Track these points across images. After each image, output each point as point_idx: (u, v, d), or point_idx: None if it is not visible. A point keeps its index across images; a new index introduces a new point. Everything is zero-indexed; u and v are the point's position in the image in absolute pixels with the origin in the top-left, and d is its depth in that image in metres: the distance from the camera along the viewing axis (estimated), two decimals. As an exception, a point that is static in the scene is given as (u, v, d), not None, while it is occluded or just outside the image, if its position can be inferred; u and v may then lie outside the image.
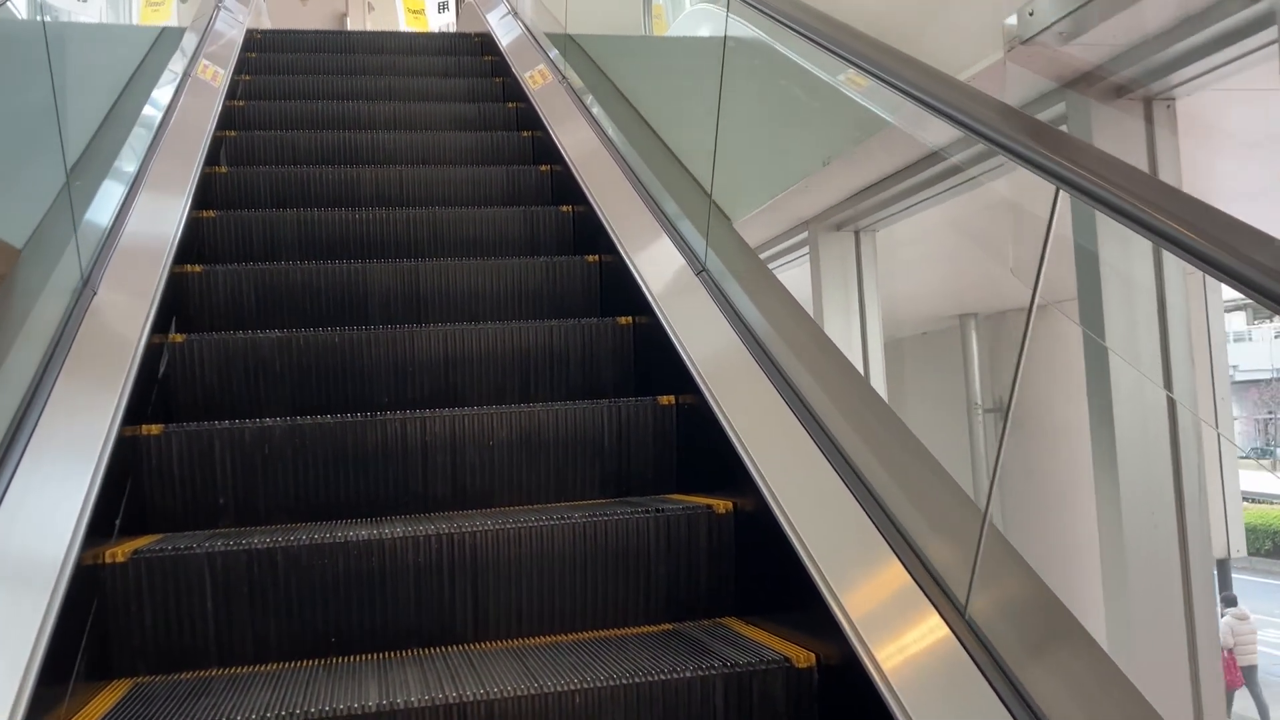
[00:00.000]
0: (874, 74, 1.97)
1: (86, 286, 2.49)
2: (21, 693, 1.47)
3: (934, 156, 3.14)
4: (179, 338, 2.68)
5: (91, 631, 1.87)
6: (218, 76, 4.50)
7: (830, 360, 2.27)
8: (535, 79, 4.82)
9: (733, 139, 2.99)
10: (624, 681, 1.76)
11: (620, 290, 3.13)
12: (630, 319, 2.95)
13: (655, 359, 2.80)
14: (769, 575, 2.05)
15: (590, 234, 3.50)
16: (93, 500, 1.91)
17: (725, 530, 2.19)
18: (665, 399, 2.58)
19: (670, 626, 2.15)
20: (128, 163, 3.21)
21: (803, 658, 1.81)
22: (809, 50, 2.50)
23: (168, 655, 1.97)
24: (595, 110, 4.11)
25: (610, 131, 3.86)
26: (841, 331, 4.16)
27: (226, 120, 4.26)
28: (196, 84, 4.28)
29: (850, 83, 2.50)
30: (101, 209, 2.84)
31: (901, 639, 1.62)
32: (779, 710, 1.80)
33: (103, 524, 1.96)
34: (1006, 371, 6.68)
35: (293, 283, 3.08)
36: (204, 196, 3.60)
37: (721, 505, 2.19)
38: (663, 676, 1.77)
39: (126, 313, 2.52)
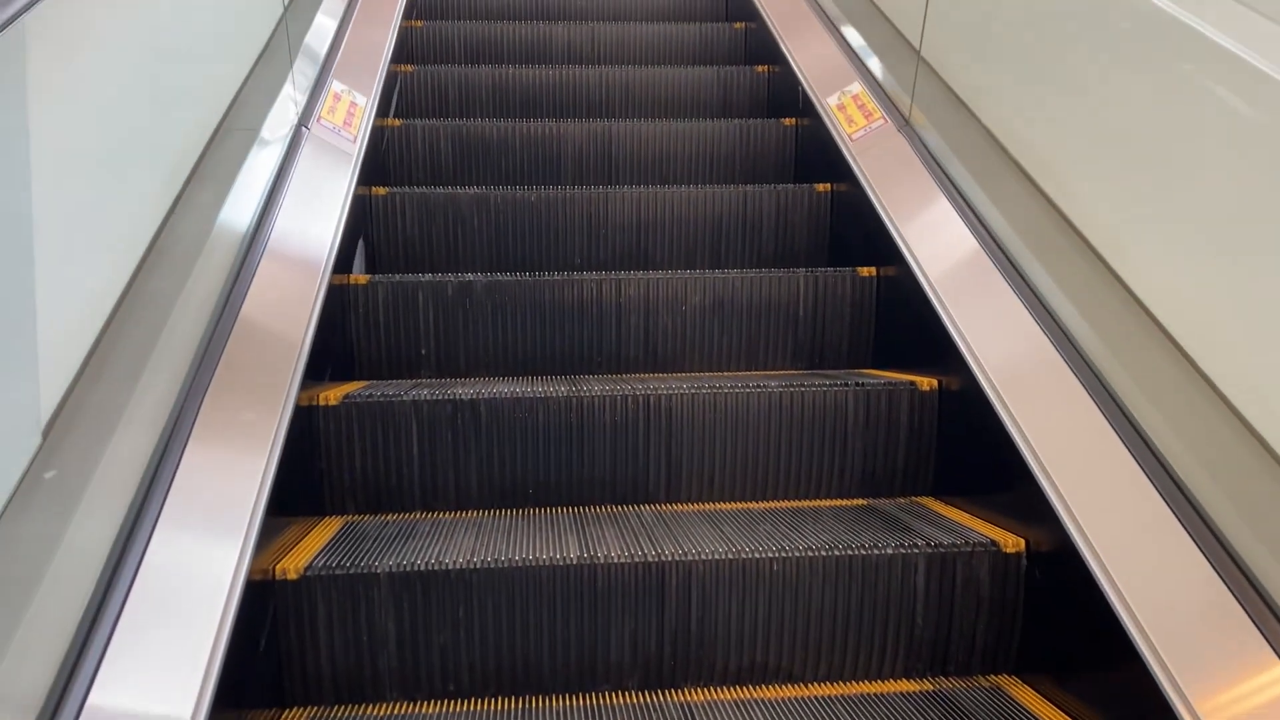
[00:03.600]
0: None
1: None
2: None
3: None
4: (381, 191, 2.72)
5: (308, 470, 1.96)
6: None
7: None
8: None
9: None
10: (823, 553, 1.73)
11: (818, 154, 3.00)
12: (829, 185, 2.83)
13: (854, 227, 2.69)
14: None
15: (786, 94, 3.36)
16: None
17: (928, 407, 2.11)
18: (866, 270, 2.48)
19: (865, 501, 2.10)
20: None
21: (1010, 542, 1.74)
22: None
23: (375, 496, 2.05)
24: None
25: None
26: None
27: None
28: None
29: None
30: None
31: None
32: (982, 594, 1.74)
33: (315, 368, 2.03)
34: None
35: (488, 139, 3.10)
36: (401, 51, 3.63)
37: (925, 382, 2.10)
38: (863, 551, 1.73)
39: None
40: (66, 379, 1.39)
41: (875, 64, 2.96)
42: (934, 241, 2.26)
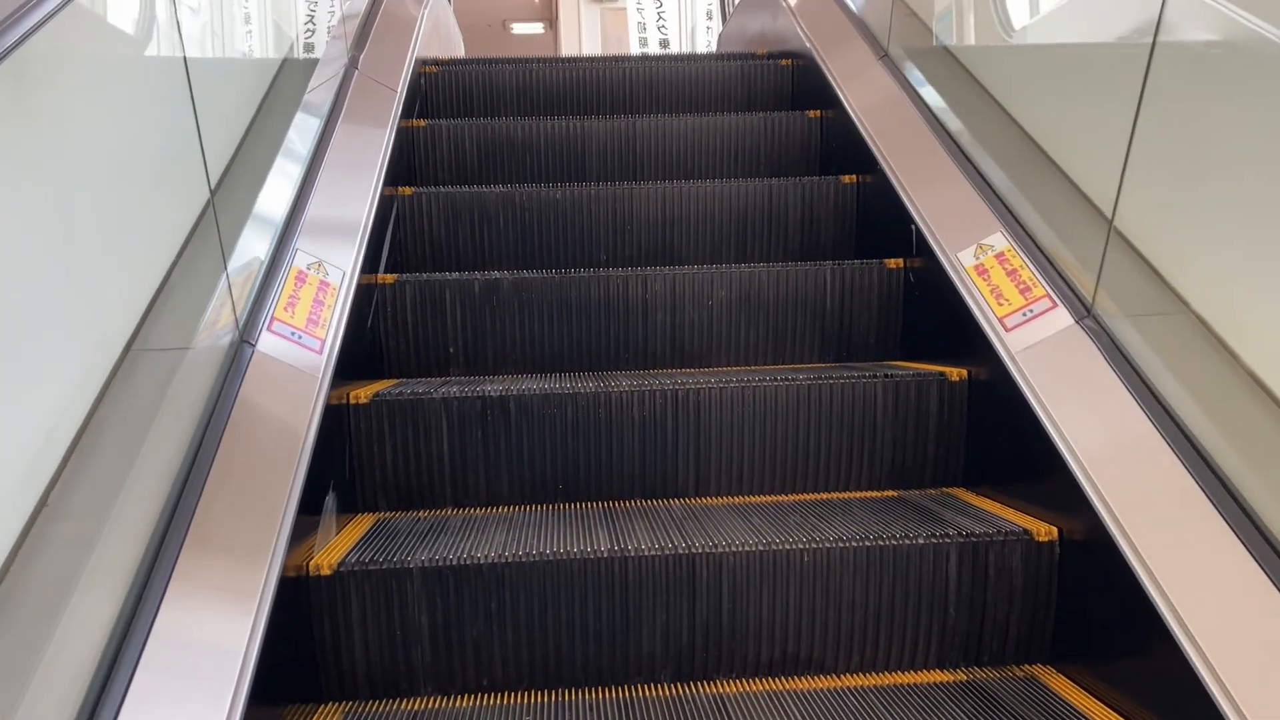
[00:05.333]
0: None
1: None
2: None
3: None
4: (407, 191, 2.74)
5: (339, 468, 1.98)
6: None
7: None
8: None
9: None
10: (854, 544, 1.72)
11: (946, 327, 2.26)
12: (854, 177, 2.82)
13: (880, 218, 2.68)
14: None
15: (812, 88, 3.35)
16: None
17: (957, 398, 2.10)
18: (893, 262, 2.47)
19: (895, 493, 2.09)
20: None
21: (1043, 531, 1.73)
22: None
23: (407, 493, 2.07)
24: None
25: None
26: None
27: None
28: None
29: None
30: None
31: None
32: (1015, 583, 1.73)
33: (345, 366, 2.04)
34: None
35: (513, 138, 3.11)
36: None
37: (955, 372, 2.10)
38: (894, 541, 1.73)
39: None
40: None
41: (1029, 215, 2.13)
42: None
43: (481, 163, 3.14)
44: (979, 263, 2.11)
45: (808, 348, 2.51)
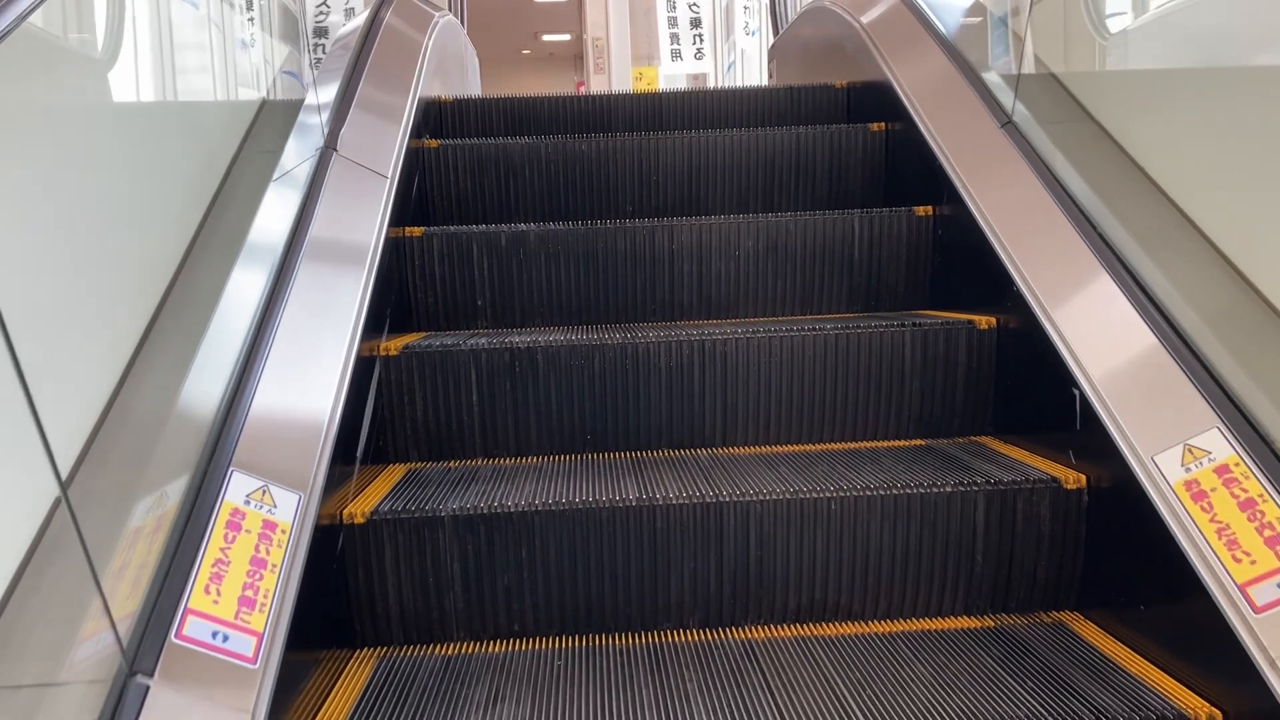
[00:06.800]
0: None
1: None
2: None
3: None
4: (433, 143, 2.74)
5: (371, 419, 2.00)
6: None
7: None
8: None
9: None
10: (881, 492, 1.73)
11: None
12: (883, 125, 2.79)
13: (909, 167, 2.66)
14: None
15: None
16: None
17: (986, 346, 2.09)
18: (922, 209, 2.45)
19: (923, 442, 2.09)
20: None
21: (1071, 479, 1.73)
22: None
23: (437, 444, 2.09)
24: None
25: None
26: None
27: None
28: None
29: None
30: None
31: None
32: (1043, 531, 1.73)
33: (375, 320, 2.06)
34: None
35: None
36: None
37: (984, 321, 2.08)
38: (921, 489, 1.73)
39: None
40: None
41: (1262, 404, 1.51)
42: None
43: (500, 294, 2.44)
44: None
45: (836, 297, 2.50)
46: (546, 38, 20.03)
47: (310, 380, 1.70)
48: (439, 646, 1.71)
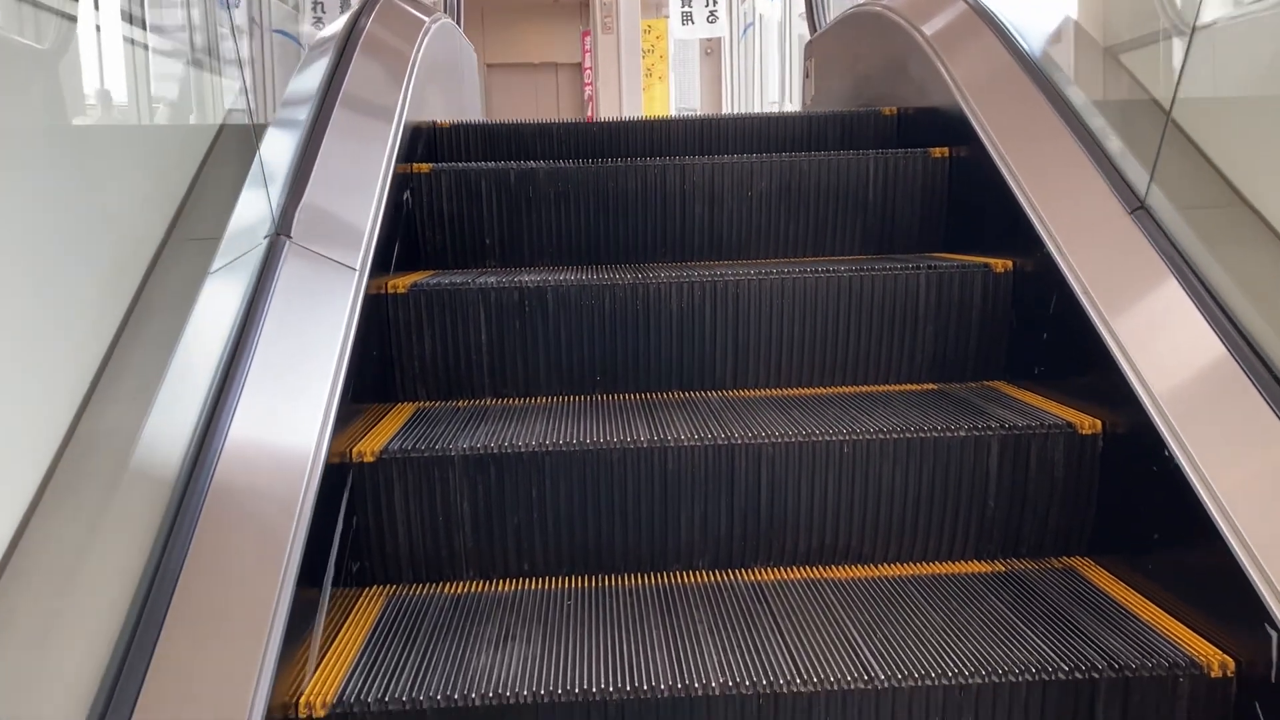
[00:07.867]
0: None
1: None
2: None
3: None
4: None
5: (379, 356, 1.98)
6: None
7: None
8: None
9: None
10: (893, 435, 1.72)
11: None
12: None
13: (924, 117, 2.61)
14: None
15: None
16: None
17: (1001, 290, 2.06)
18: (938, 151, 2.40)
19: (936, 386, 2.08)
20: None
21: (1086, 424, 1.71)
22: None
23: (445, 383, 2.07)
24: None
25: None
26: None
27: None
28: None
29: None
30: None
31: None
32: (1057, 475, 1.72)
33: (382, 257, 2.03)
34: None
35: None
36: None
37: (1000, 264, 2.05)
38: (934, 433, 1.72)
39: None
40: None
41: None
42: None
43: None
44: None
45: (849, 240, 2.47)
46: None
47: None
48: (448, 585, 1.71)
